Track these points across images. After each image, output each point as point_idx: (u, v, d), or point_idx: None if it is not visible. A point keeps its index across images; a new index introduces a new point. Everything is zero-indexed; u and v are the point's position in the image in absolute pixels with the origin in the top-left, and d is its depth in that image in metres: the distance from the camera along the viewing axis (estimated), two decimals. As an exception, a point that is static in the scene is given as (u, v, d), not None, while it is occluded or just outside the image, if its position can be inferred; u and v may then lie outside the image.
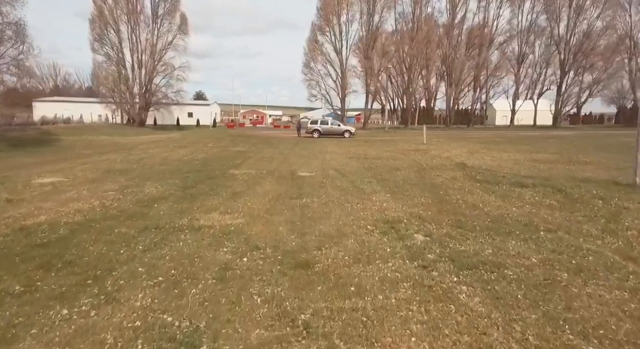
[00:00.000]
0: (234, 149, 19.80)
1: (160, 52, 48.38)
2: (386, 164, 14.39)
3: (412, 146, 23.77)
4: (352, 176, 11.38)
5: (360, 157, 16.56)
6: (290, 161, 15.06)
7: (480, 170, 12.63)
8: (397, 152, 19.08)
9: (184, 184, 9.62)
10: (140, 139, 29.65)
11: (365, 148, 21.85)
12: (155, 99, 49.63)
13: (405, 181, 10.55)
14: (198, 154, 17.29)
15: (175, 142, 25.20)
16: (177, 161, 14.53)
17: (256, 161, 15.08)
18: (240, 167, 13.11)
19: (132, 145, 23.22)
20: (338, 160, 15.62)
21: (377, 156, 17.16)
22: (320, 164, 14.15)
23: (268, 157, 16.23)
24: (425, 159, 16.00)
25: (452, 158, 16.43)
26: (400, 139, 30.75)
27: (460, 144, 25.25)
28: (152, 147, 21.38)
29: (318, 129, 33.59)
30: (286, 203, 7.78)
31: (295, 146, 23.01)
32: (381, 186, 9.65)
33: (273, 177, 11.00)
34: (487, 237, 5.61)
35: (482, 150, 20.41)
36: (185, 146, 21.48)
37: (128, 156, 16.39)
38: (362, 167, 13.31)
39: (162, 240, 5.38)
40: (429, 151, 19.99)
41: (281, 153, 18.40)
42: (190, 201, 7.78)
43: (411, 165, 14.06)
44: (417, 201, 8.05)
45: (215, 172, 11.81)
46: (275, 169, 12.83)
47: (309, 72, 54.01)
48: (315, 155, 17.53)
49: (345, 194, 8.60)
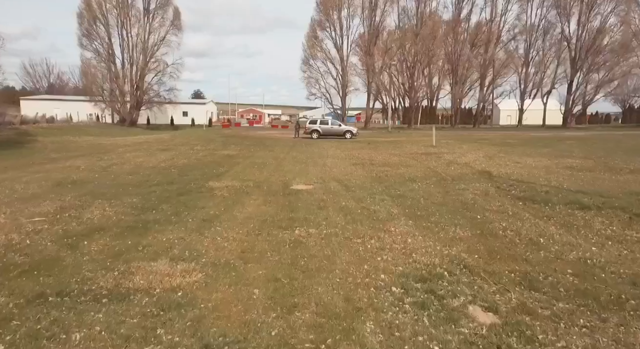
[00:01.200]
0: (222, 153, 17.61)
1: (152, 48, 46.12)
2: (397, 172, 12.21)
3: (421, 148, 21.61)
4: (358, 190, 9.20)
5: (365, 164, 14.39)
6: (284, 169, 12.89)
7: (513, 181, 10.47)
8: (406, 157, 16.91)
9: (143, 205, 7.43)
10: (126, 140, 27.43)
11: (370, 151, 19.67)
12: (147, 97, 47.35)
13: (426, 197, 8.37)
14: (179, 159, 15.10)
15: (161, 144, 23.01)
16: (151, 169, 12.35)
17: (244, 168, 12.89)
18: (223, 177, 10.92)
19: (112, 147, 21.02)
20: (340, 167, 13.44)
21: (385, 162, 14.99)
22: (320, 173, 11.98)
23: (259, 164, 14.06)
24: (441, 166, 13.84)
25: (471, 164, 14.27)
26: (406, 141, 28.58)
27: (473, 146, 23.10)
28: (132, 150, 19.19)
29: (317, 129, 31.39)
30: (272, 237, 5.61)
31: (292, 149, 20.83)
32: (398, 207, 7.47)
33: (261, 193, 8.82)
34: (588, 315, 3.44)
35: (500, 154, 18.24)
36: (169, 149, 19.29)
37: (98, 161, 14.20)
38: (369, 178, 11.12)
39: (50, 325, 3.19)
40: (442, 154, 17.82)
41: (275, 157, 16.23)
42: (139, 235, 5.60)
43: (427, 174, 11.89)
44: (451, 232, 5.88)
45: (190, 185, 9.62)
46: (266, 179, 10.65)
47: (308, 69, 51.82)
48: (314, 160, 15.36)
49: (353, 222, 6.42)
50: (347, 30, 49.49)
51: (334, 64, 51.04)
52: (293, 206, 7.53)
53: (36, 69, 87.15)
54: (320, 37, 50.80)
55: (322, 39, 50.89)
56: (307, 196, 8.45)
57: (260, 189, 9.30)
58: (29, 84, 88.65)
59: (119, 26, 44.62)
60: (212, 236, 5.62)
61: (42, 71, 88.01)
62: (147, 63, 46.04)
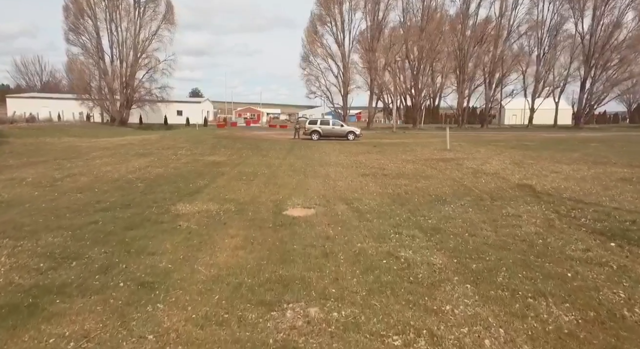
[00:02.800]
0: (208, 159, 15.23)
1: (143, 43, 43.64)
2: (418, 187, 9.84)
3: (434, 152, 19.23)
4: (375, 218, 6.83)
5: (376, 174, 12.01)
6: (278, 181, 10.51)
7: (569, 201, 8.12)
8: (422, 164, 14.53)
9: (64, 249, 5.05)
10: (109, 141, 25.00)
11: (378, 157, 17.30)
12: (137, 95, 44.87)
13: (472, 232, 6.01)
14: (155, 167, 12.71)
15: (144, 146, 20.60)
16: (112, 183, 9.96)
17: (229, 181, 10.51)
18: (199, 195, 8.54)
19: (87, 151, 18.62)
20: (347, 179, 11.06)
21: (399, 171, 12.61)
22: (322, 188, 9.62)
23: (249, 174, 11.67)
24: (467, 177, 11.48)
25: (502, 175, 11.92)
26: (414, 142, 26.20)
27: (490, 149, 20.74)
28: (107, 154, 16.79)
29: (318, 130, 29.00)
30: (245, 330, 3.24)
31: (290, 153, 18.45)
32: (440, 252, 5.11)
33: (243, 223, 6.45)
34: None
35: (527, 160, 15.88)
36: (149, 154, 16.89)
37: (54, 171, 11.80)
38: (385, 196, 8.75)
39: None
40: (461, 161, 15.46)
41: (269, 165, 13.85)
42: (7, 330, 3.22)
43: (456, 189, 9.53)
44: (545, 315, 3.52)
45: (151, 209, 7.24)
46: (253, 199, 8.28)
47: (307, 66, 49.32)
48: (315, 169, 12.98)
49: (380, 288, 4.04)
50: (348, 25, 47.04)
51: (335, 61, 48.62)
52: (285, 250, 5.16)
53: (28, 67, 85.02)
54: (321, 33, 48.37)
55: (322, 34, 48.44)
56: (306, 230, 6.08)
57: (244, 215, 6.92)
58: (21, 82, 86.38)
59: (108, 20, 42.14)
60: (141, 329, 3.24)
61: (34, 69, 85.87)
62: (137, 59, 43.58)
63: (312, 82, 49.48)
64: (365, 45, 47.11)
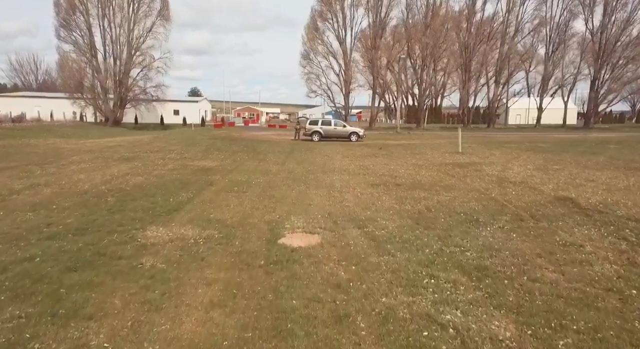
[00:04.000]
0: (198, 164, 13.70)
1: (138, 40, 42.06)
2: (440, 201, 8.31)
3: (445, 156, 17.71)
4: (398, 250, 5.30)
5: (388, 183, 10.47)
6: (275, 194, 8.99)
7: (632, 222, 6.63)
8: (436, 170, 13.00)
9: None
10: (96, 143, 23.47)
11: (386, 161, 15.77)
12: (132, 94, 43.30)
13: (533, 276, 4.49)
14: (135, 175, 11.18)
15: (131, 149, 19.08)
16: (80, 195, 8.43)
17: (217, 193, 8.98)
18: (176, 215, 7.01)
19: (69, 154, 17.10)
20: (355, 190, 9.54)
21: (414, 180, 11.08)
22: (327, 203, 8.09)
23: (241, 184, 10.14)
24: (492, 187, 9.96)
25: (530, 184, 10.42)
26: (422, 144, 24.69)
27: (505, 152, 19.23)
28: (87, 158, 15.26)
29: (319, 130, 27.45)
30: None
31: (289, 157, 16.92)
32: (502, 316, 3.58)
33: (225, 260, 4.92)
34: None
35: (551, 165, 14.37)
36: (134, 158, 15.37)
37: (18, 179, 10.26)
38: (405, 215, 7.21)
39: None
40: (478, 166, 13.94)
41: (266, 172, 12.31)
42: None
43: (486, 205, 8.00)
44: None
45: (112, 236, 5.71)
46: (242, 220, 6.75)
47: (308, 64, 47.68)
48: (317, 178, 11.44)
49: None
50: (350, 22, 45.36)
51: (336, 59, 47.00)
52: (280, 310, 3.64)
53: (24, 66, 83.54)
54: (322, 29, 46.69)
55: (323, 31, 46.77)
56: (309, 271, 4.55)
57: (229, 246, 5.40)
58: (15, 80, 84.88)
59: (100, 16, 40.53)
60: None
61: (29, 68, 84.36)
62: (131, 56, 42.00)
63: (312, 80, 47.96)
64: (367, 44, 45.55)
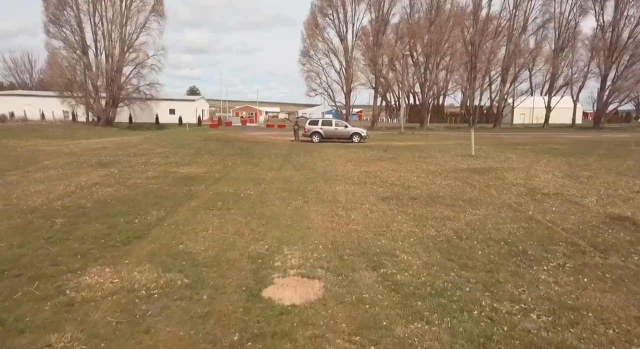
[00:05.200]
0: (182, 171, 12.09)
1: (130, 36, 40.36)
2: (470, 223, 6.73)
3: (458, 159, 16.12)
4: (434, 310, 3.71)
5: (401, 197, 8.87)
6: (266, 212, 7.39)
7: None
8: (452, 178, 11.40)
9: None
10: (80, 144, 21.87)
11: (394, 166, 14.17)
12: (124, 93, 41.62)
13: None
14: (105, 186, 9.58)
15: (114, 152, 17.47)
16: (22, 216, 6.83)
17: (195, 212, 7.37)
18: (135, 246, 5.40)
19: (45, 157, 15.52)
20: (363, 205, 7.93)
21: (430, 191, 9.48)
22: (330, 225, 6.50)
23: (227, 197, 8.55)
24: (524, 201, 8.38)
25: (568, 197, 8.86)
26: (428, 146, 23.10)
27: (523, 156, 17.67)
28: (60, 163, 13.66)
29: (319, 131, 25.85)
30: None
31: (286, 161, 15.32)
32: None
33: (182, 331, 3.33)
34: None
35: (579, 171, 12.79)
36: (113, 163, 13.77)
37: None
38: (431, 246, 5.62)
39: None
40: (498, 172, 12.35)
41: (258, 181, 10.71)
42: None
43: (528, 228, 6.42)
44: None
45: (31, 285, 4.12)
46: (219, 254, 5.15)
47: (308, 61, 46.02)
48: (317, 187, 9.84)
49: None
50: (352, 18, 43.68)
51: (337, 56, 45.33)
52: None
53: (18, 64, 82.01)
54: (322, 26, 44.98)
55: (323, 27, 45.06)
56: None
57: (192, 304, 3.80)
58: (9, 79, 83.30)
59: (91, 11, 38.85)
60: None
61: (24, 66, 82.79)
62: (124, 53, 40.30)
63: (312, 78, 46.29)
64: (367, 42, 43.90)
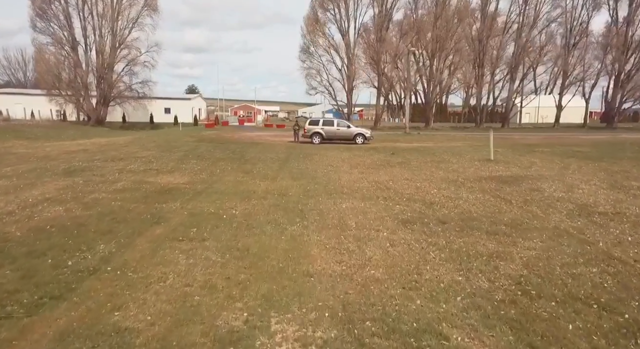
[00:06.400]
0: (159, 182, 10.24)
1: (122, 31, 38.50)
2: (529, 262, 4.89)
3: (477, 165, 14.28)
4: None
5: (426, 218, 7.02)
6: (250, 247, 5.55)
7: None
8: (479, 189, 9.55)
9: None
10: (61, 146, 20.03)
11: (407, 173, 12.32)
12: (116, 91, 39.74)
13: None
14: (55, 204, 7.74)
15: (89, 157, 15.64)
16: None
17: (156, 246, 5.53)
18: (37, 324, 3.58)
19: (12, 162, 13.67)
20: (380, 234, 6.09)
21: (458, 208, 7.63)
22: (337, 273, 4.68)
23: (204, 220, 6.70)
24: (583, 224, 6.55)
25: (631, 217, 7.02)
26: (438, 148, 21.24)
27: (548, 160, 15.80)
28: (23, 171, 11.82)
29: (319, 132, 24.04)
30: None
31: (283, 167, 13.48)
32: None
33: None
34: None
35: (623, 179, 10.97)
36: (82, 170, 11.93)
37: None
38: (490, 312, 3.76)
39: None
40: (530, 182, 10.51)
41: (248, 195, 8.87)
42: None
43: (615, 275, 4.59)
44: None
45: None
46: (170, 334, 3.31)
47: (308, 58, 44.15)
48: (320, 205, 7.99)
49: None
50: (354, 12, 41.79)
51: (339, 53, 43.47)
52: None
53: (12, 62, 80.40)
54: (322, 21, 43.06)
55: (324, 22, 43.15)
56: None
57: None
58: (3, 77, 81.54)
59: (80, 5, 36.96)
60: None
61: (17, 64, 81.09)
62: (115, 50, 38.43)
63: (312, 76, 44.43)
64: (369, 39, 41.97)
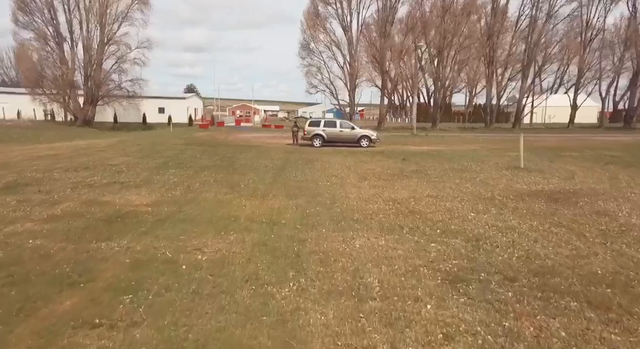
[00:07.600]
0: (115, 202, 8.01)
1: (110, 26, 36.30)
2: None
3: (505, 174, 12.04)
4: None
5: (481, 270, 4.78)
6: (209, 344, 3.32)
7: None
8: (530, 214, 7.31)
9: None
10: (29, 150, 17.81)
11: (430, 187, 10.08)
12: (104, 90, 37.54)
13: None
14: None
15: (53, 164, 13.40)
16: None
17: (46, 345, 3.31)
18: None
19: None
20: (423, 312, 3.83)
21: (522, 251, 5.39)
22: None
23: (151, 277, 4.48)
24: None
25: None
26: (453, 152, 19.02)
27: (586, 168, 13.58)
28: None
29: (320, 134, 21.91)
30: None
31: (278, 179, 11.24)
32: None
33: None
34: None
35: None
36: (28, 184, 9.71)
37: None
38: None
39: None
40: (588, 200, 8.28)
41: (226, 225, 6.64)
42: None
43: None
44: None
45: None
46: None
47: (308, 55, 41.94)
48: (324, 241, 5.76)
49: None
50: (357, 6, 39.51)
51: (341, 49, 41.22)
52: None
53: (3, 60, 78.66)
54: (324, 15, 40.83)
55: (325, 17, 40.91)
56: None
57: None
58: (-6, 76, 79.52)
59: (65, -2, 34.77)
60: None
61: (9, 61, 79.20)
62: (103, 45, 36.23)
63: (312, 74, 42.23)
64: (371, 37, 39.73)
